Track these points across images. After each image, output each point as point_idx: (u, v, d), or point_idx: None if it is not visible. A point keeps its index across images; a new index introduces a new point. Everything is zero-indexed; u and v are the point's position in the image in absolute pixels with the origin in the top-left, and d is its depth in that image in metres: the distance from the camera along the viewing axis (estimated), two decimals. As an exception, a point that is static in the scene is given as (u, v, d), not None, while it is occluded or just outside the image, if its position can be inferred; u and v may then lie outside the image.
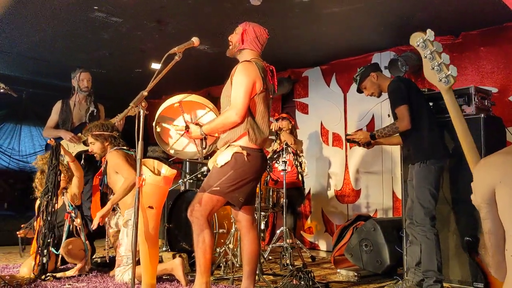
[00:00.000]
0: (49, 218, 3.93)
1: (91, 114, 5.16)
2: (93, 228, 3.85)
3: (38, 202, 4.22)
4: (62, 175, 4.20)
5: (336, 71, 6.44)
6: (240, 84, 2.90)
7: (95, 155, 4.20)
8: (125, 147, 4.08)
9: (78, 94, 5.18)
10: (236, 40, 3.13)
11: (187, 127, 3.03)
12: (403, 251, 3.87)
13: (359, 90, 3.85)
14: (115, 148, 4.03)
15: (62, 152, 4.14)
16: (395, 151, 5.58)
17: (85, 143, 4.95)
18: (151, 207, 2.75)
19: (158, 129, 3.09)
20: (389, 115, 3.72)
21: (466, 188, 3.50)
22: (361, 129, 5.64)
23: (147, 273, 2.81)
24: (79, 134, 4.98)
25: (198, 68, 6.53)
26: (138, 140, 2.63)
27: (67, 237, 4.15)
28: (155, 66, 6.22)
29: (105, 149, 4.10)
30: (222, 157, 2.91)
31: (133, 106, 2.67)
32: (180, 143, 3.18)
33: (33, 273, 3.80)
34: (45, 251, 3.87)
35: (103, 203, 4.31)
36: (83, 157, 4.92)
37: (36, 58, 6.31)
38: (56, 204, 4.03)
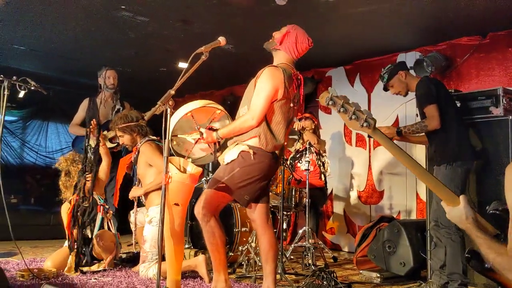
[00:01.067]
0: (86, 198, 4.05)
1: (117, 112, 5.25)
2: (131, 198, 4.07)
3: (65, 205, 4.29)
4: (89, 175, 4.26)
5: (360, 71, 6.41)
6: (263, 90, 2.92)
7: (126, 146, 4.26)
8: (155, 138, 4.12)
9: (105, 92, 5.28)
10: (276, 38, 3.14)
11: (201, 134, 3.06)
12: (427, 254, 3.84)
13: (386, 88, 3.83)
14: (146, 139, 4.09)
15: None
16: (419, 152, 5.51)
17: (111, 140, 5.04)
18: (177, 204, 2.79)
19: (174, 143, 3.14)
20: (417, 115, 3.69)
21: (493, 190, 3.49)
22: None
23: (172, 269, 2.85)
24: (105, 132, 5.08)
25: (222, 67, 6.56)
26: (165, 138, 2.67)
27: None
28: (182, 65, 6.29)
29: (135, 140, 4.16)
30: (229, 154, 2.95)
31: (161, 104, 2.70)
32: (196, 151, 3.22)
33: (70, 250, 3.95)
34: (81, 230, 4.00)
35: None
36: None
37: (63, 57, 6.43)
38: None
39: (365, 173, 6.27)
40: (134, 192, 4.08)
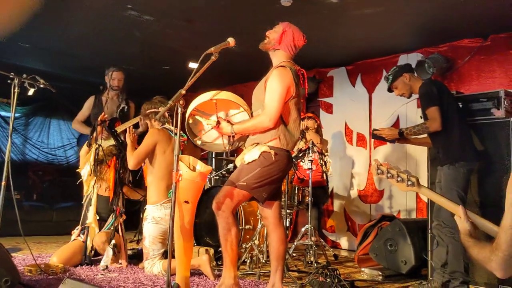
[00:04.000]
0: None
1: (121, 111, 5.29)
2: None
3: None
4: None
5: (362, 71, 6.47)
6: (275, 91, 2.97)
7: None
8: (170, 127, 4.13)
9: (110, 91, 5.32)
10: (273, 38, 3.18)
11: (218, 122, 3.11)
12: (428, 252, 3.90)
13: (390, 90, 3.89)
14: (161, 126, 4.16)
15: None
16: (419, 152, 5.59)
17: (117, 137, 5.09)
18: (187, 202, 2.84)
19: (190, 121, 3.18)
20: (421, 117, 3.75)
21: (494, 191, 3.55)
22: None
23: (181, 265, 2.90)
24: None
25: (225, 66, 6.57)
26: (176, 136, 2.72)
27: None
28: (193, 65, 6.33)
29: (153, 126, 4.25)
30: (250, 154, 3.00)
31: (172, 104, 2.75)
32: (209, 135, 3.26)
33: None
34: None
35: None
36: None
37: (67, 54, 6.47)
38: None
39: (366, 172, 6.33)
40: (127, 137, 4.14)
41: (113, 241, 4.12)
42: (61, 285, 1.96)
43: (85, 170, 4.28)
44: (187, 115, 3.10)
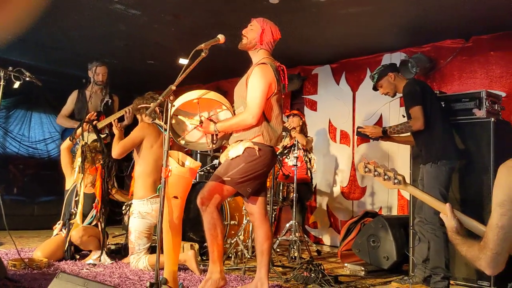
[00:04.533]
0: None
1: (105, 104, 5.26)
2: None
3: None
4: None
5: (346, 70, 6.53)
6: (257, 88, 3.00)
7: None
8: (160, 123, 4.13)
9: (93, 86, 5.28)
10: (252, 38, 3.19)
11: (201, 122, 3.12)
12: (410, 249, 4.00)
13: (375, 88, 3.96)
14: (152, 121, 4.17)
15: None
16: (402, 150, 5.68)
17: (100, 131, 5.06)
18: (176, 197, 2.85)
19: (173, 121, 3.19)
20: (404, 116, 3.83)
21: (475, 189, 3.65)
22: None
23: (169, 260, 2.91)
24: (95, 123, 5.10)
25: (208, 61, 6.54)
26: (166, 131, 2.73)
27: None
28: (183, 61, 6.31)
29: (143, 121, 4.27)
30: (234, 150, 3.03)
31: (162, 99, 2.76)
32: (192, 135, 3.28)
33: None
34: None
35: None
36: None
37: (50, 47, 6.38)
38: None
39: (348, 169, 6.41)
40: (114, 128, 4.28)
41: (107, 244, 4.15)
42: (55, 279, 1.97)
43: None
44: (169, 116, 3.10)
